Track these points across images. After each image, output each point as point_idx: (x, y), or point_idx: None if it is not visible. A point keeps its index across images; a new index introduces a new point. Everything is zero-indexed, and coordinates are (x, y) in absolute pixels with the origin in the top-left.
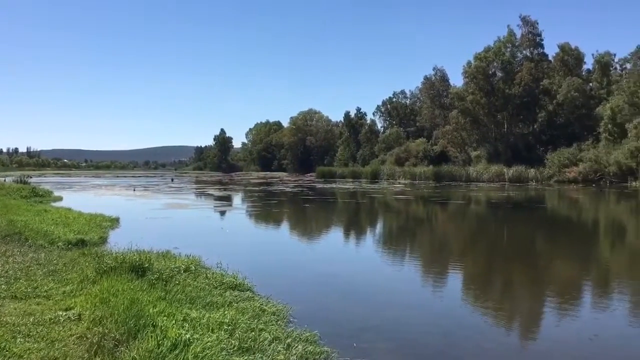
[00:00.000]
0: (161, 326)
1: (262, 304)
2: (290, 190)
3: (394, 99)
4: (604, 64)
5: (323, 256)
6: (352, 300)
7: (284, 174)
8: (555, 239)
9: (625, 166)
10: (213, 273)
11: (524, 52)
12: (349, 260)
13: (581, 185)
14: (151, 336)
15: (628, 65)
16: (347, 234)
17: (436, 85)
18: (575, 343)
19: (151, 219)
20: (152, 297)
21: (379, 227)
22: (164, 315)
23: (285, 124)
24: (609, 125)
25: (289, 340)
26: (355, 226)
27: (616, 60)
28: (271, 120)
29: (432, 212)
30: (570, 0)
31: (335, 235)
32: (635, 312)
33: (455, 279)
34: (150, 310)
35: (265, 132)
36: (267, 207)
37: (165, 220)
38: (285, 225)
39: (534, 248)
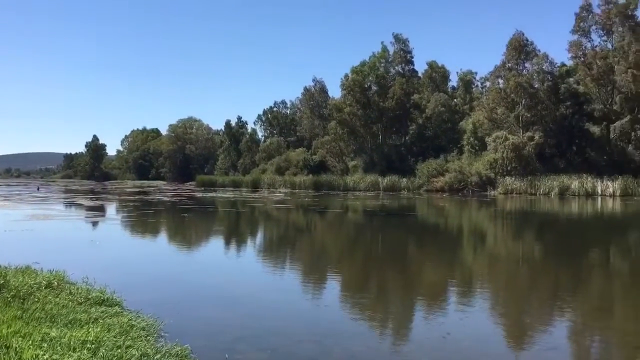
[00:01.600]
0: (16, 347)
1: (131, 319)
2: (168, 199)
3: (275, 109)
4: (467, 81)
5: (200, 267)
6: (228, 312)
7: (162, 182)
8: (425, 245)
9: (485, 176)
10: (78, 288)
11: (397, 67)
12: (227, 271)
13: (447, 194)
14: (4, 359)
15: (488, 84)
16: (226, 243)
17: (316, 96)
18: (434, 342)
19: (10, 231)
20: (7, 316)
21: (259, 236)
22: (20, 336)
23: (164, 131)
24: (471, 139)
25: (157, 356)
26: (234, 236)
27: (477, 78)
28: (149, 128)
29: (311, 220)
30: (438, 22)
31: (214, 246)
32: (490, 312)
33: (332, 286)
34: (4, 331)
35: (142, 139)
36: (143, 217)
37: (28, 232)
38: (161, 236)
39: (406, 254)
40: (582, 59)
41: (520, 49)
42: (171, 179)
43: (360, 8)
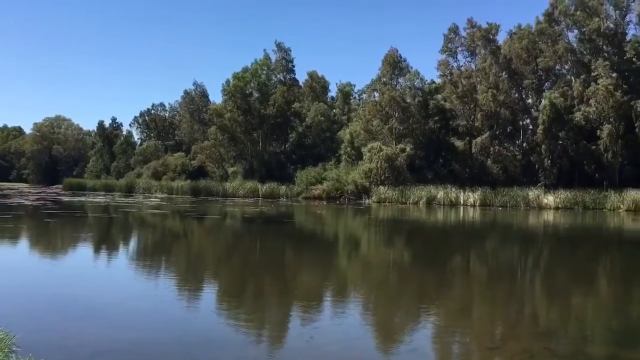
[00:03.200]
0: None
1: None
2: (30, 203)
3: (153, 111)
4: (345, 93)
5: (63, 277)
6: (90, 324)
7: (25, 185)
8: (302, 251)
9: (361, 185)
10: None
11: (278, 75)
12: (92, 280)
13: (325, 202)
14: None
15: (364, 96)
16: (94, 251)
17: (196, 100)
18: (300, 346)
19: None
20: None
21: (131, 243)
22: None
23: (28, 130)
24: (348, 148)
25: None
26: (104, 243)
27: (355, 90)
28: (10, 125)
29: (187, 227)
30: (319, 34)
31: (80, 254)
32: (360, 316)
33: (205, 294)
34: None
35: (2, 138)
36: None
37: None
38: (20, 244)
39: (283, 260)
40: (449, 77)
41: (395, 65)
42: (35, 181)
43: (242, 15)
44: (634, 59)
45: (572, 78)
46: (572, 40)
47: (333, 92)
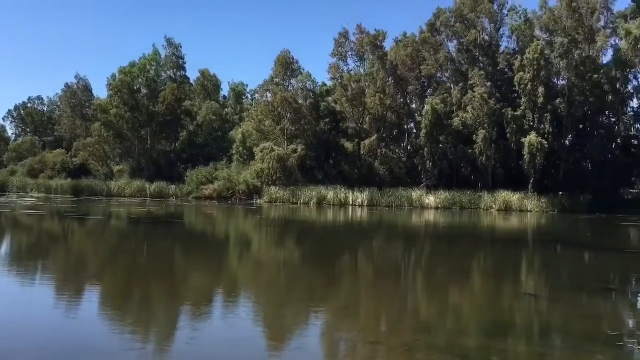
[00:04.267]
0: None
1: None
2: None
3: (29, 105)
4: (238, 92)
5: None
6: None
7: None
8: (192, 252)
9: (252, 185)
10: None
11: (168, 72)
12: None
13: (216, 202)
14: None
15: (257, 96)
16: None
17: (78, 94)
18: (182, 349)
19: None
20: None
21: (2, 247)
22: None
23: None
24: (240, 148)
25: None
26: None
27: (248, 90)
28: None
29: (68, 228)
30: (211, 33)
31: None
32: (248, 316)
33: (88, 299)
34: None
35: None
36: None
37: None
38: None
39: (172, 262)
40: (340, 80)
41: (287, 66)
42: None
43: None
44: (506, 70)
45: (452, 86)
46: (452, 50)
47: (225, 91)
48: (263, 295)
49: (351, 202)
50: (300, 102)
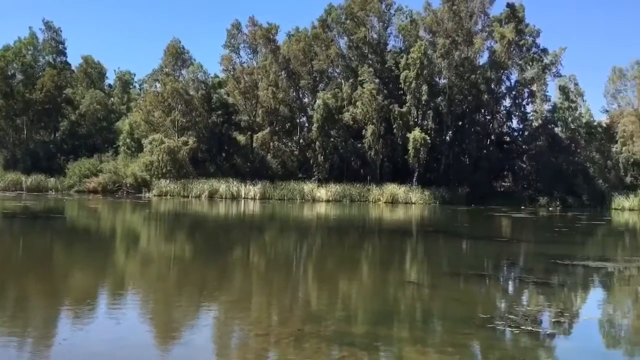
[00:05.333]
0: None
1: None
2: None
3: None
4: (125, 81)
5: None
6: None
7: None
8: (74, 249)
9: (141, 178)
10: None
11: (47, 57)
12: None
13: (101, 196)
14: None
15: (145, 86)
16: None
17: None
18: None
19: None
20: None
21: None
22: None
23: None
24: (128, 140)
25: None
26: None
27: (136, 79)
28: None
29: None
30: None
31: None
32: (137, 313)
33: None
34: None
35: None
36: None
37: None
38: None
39: (52, 259)
40: (232, 72)
41: (177, 56)
42: None
43: None
44: (393, 68)
45: (343, 81)
46: (343, 47)
47: (111, 79)
48: (151, 291)
49: (243, 195)
50: (191, 93)
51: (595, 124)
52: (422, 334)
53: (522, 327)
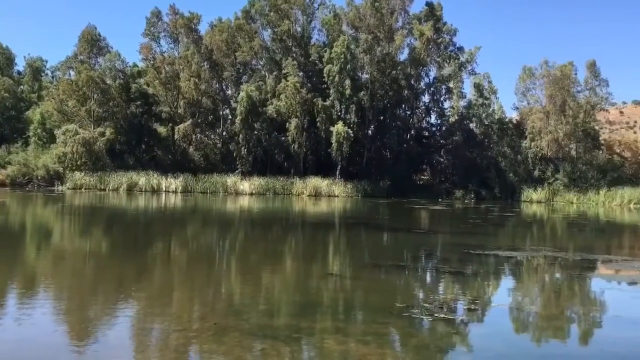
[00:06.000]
0: None
1: None
2: None
3: None
4: (36, 68)
5: None
6: None
7: None
8: None
9: (53, 171)
10: None
11: None
12: None
13: (9, 189)
14: None
15: (58, 74)
16: None
17: None
18: None
19: None
20: None
21: None
22: None
23: None
24: (39, 130)
25: None
26: None
27: (48, 66)
28: None
29: None
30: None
31: None
32: (50, 312)
33: None
34: None
35: None
36: None
37: None
38: None
39: None
40: (152, 62)
41: (93, 43)
42: None
43: None
44: (317, 61)
45: (266, 74)
46: (267, 39)
47: (20, 66)
48: (63, 289)
49: (164, 189)
50: (108, 82)
51: (506, 120)
52: (341, 325)
53: (438, 315)
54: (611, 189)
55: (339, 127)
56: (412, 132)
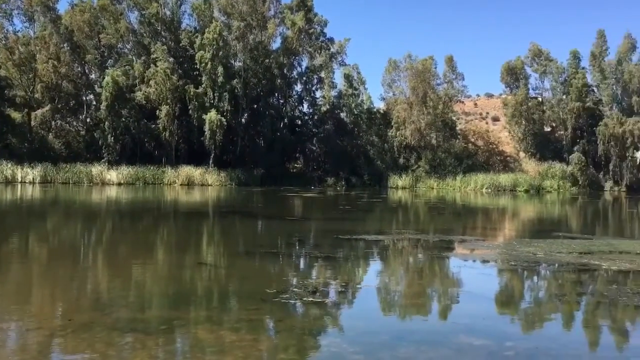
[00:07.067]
0: None
1: None
2: None
3: None
4: None
5: None
6: None
7: None
8: None
9: None
10: None
11: None
12: None
13: None
14: None
15: None
16: None
17: None
18: None
19: None
20: None
21: None
22: None
23: None
24: None
25: None
26: None
27: None
28: None
29: None
30: None
31: None
32: None
33: None
34: None
35: None
36: None
37: None
38: None
39: None
40: (4, 42)
41: None
42: None
43: None
44: (188, 47)
45: (134, 58)
46: (134, 22)
47: None
48: None
49: (20, 179)
50: None
51: (374, 110)
52: (212, 314)
53: (307, 299)
54: (466, 175)
55: (211, 115)
56: (286, 120)
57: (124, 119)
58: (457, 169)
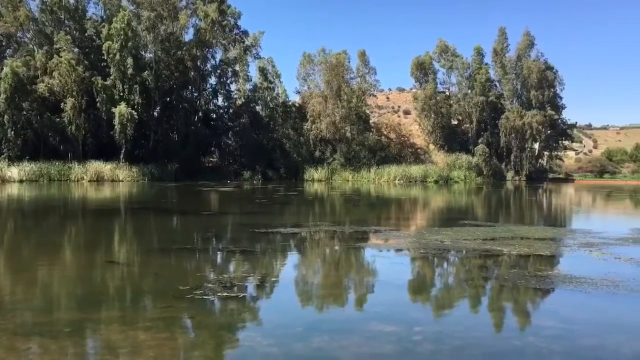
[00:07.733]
0: None
1: None
2: None
3: None
4: None
5: None
6: None
7: None
8: None
9: None
10: None
11: None
12: None
13: None
14: None
15: None
16: None
17: None
18: None
19: None
20: None
21: None
22: None
23: None
24: None
25: None
26: None
27: None
28: None
29: None
30: None
31: None
32: None
33: None
34: None
35: None
36: None
37: None
38: None
39: None
40: None
41: None
42: None
43: None
44: (94, 37)
45: (35, 48)
46: (35, 9)
47: None
48: None
49: None
50: None
51: (290, 103)
52: (121, 314)
53: (224, 294)
54: (380, 167)
55: (121, 108)
56: (200, 114)
57: (25, 113)
58: (371, 161)
